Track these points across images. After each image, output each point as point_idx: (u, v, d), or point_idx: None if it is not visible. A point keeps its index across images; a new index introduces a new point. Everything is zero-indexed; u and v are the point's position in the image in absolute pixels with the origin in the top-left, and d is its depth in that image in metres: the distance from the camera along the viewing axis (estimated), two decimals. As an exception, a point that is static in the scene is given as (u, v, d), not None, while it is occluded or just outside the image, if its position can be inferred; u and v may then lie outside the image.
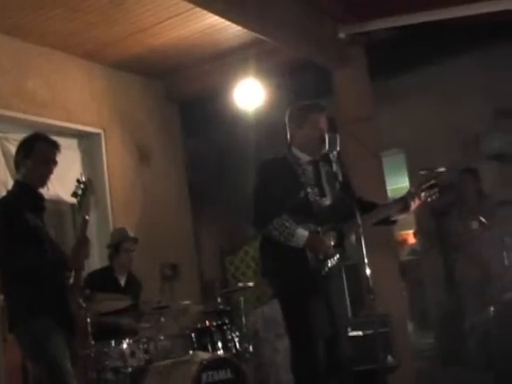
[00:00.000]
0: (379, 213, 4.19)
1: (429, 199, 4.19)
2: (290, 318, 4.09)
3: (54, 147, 4.20)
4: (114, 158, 7.22)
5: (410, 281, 9.72)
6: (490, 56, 7.29)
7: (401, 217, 4.28)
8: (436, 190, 4.19)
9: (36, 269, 3.88)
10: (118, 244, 5.91)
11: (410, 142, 7.88)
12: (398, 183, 9.32)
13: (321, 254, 4.00)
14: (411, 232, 9.63)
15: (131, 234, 6.03)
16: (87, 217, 4.12)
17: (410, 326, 9.70)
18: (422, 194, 4.17)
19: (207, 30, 6.64)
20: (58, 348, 3.80)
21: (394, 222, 4.33)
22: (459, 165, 7.08)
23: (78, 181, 4.16)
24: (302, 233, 3.96)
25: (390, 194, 8.15)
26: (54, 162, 4.18)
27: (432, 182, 4.20)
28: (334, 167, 4.11)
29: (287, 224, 3.95)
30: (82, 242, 4.07)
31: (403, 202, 4.17)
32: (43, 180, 4.16)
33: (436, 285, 7.48)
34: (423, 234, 8.11)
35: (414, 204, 4.16)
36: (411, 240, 10.45)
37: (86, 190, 4.13)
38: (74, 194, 4.14)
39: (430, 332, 7.91)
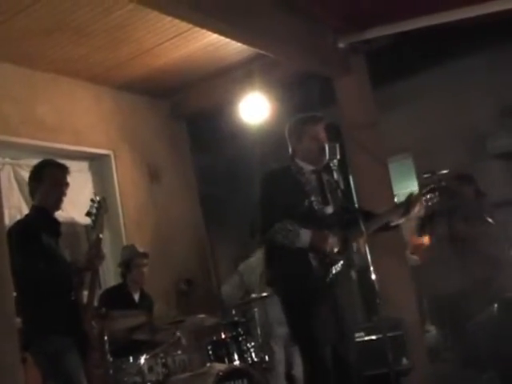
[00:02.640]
0: (381, 219, 4.27)
1: (429, 203, 4.26)
2: (295, 326, 4.15)
3: (63, 170, 4.32)
4: (125, 178, 7.33)
5: (427, 283, 9.70)
6: (494, 56, 7.34)
7: (401, 221, 4.35)
8: (436, 194, 4.26)
9: (48, 287, 3.98)
10: (129, 261, 5.99)
11: (416, 145, 7.94)
12: (407, 187, 9.36)
13: (326, 252, 4.05)
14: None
15: (141, 249, 6.11)
16: (101, 235, 4.24)
17: (432, 329, 9.72)
18: (423, 199, 4.24)
19: (209, 47, 6.75)
20: (73, 366, 3.88)
21: (395, 227, 4.38)
22: (467, 165, 7.14)
23: (92, 200, 4.28)
24: (306, 232, 4.02)
25: (400, 198, 8.20)
26: (66, 184, 4.29)
27: (431, 186, 4.26)
28: (336, 176, 4.19)
29: (290, 227, 4.02)
30: (95, 255, 4.17)
31: (404, 207, 4.25)
32: (57, 203, 4.27)
33: (449, 286, 7.50)
34: (435, 236, 8.14)
35: (415, 208, 4.23)
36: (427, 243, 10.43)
37: (100, 208, 4.24)
38: (89, 214, 4.25)
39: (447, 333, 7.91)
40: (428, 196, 4.25)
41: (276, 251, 4.11)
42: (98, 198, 4.31)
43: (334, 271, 4.08)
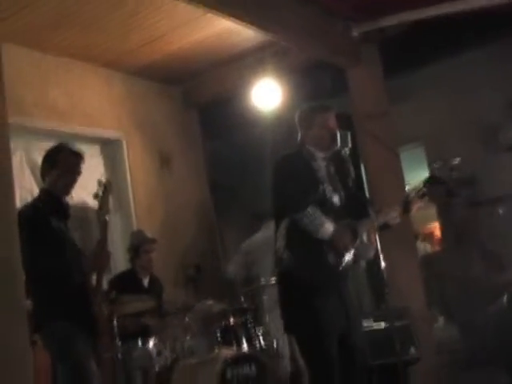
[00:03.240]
0: (382, 215, 4.23)
1: (418, 206, 4.26)
2: (299, 316, 4.04)
3: (78, 157, 4.30)
4: (136, 164, 7.34)
5: (435, 274, 9.71)
6: (504, 47, 7.31)
7: (397, 221, 4.30)
8: (425, 199, 4.24)
9: (57, 271, 4.00)
10: (138, 246, 6.01)
11: (428, 135, 7.94)
12: (419, 176, 9.35)
13: (342, 248, 4.02)
14: (437, 225, 9.64)
15: (149, 235, 6.14)
16: (107, 217, 4.24)
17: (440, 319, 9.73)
18: (416, 203, 4.22)
19: (222, 33, 6.71)
20: (82, 349, 3.90)
21: (390, 226, 4.35)
22: (478, 156, 7.14)
23: (99, 182, 4.29)
24: (330, 225, 4.00)
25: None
26: (78, 172, 4.28)
27: (423, 191, 4.23)
28: (346, 164, 4.18)
29: (317, 214, 3.99)
30: (103, 243, 4.19)
31: (402, 207, 4.22)
32: (67, 189, 4.26)
33: (457, 277, 7.50)
34: (445, 227, 8.14)
35: (413, 208, 4.21)
36: (437, 233, 10.44)
37: (106, 191, 4.25)
38: (96, 196, 4.27)
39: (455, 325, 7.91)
40: (420, 200, 4.23)
41: (297, 234, 4.06)
42: (103, 180, 4.32)
43: (346, 260, 4.05)
